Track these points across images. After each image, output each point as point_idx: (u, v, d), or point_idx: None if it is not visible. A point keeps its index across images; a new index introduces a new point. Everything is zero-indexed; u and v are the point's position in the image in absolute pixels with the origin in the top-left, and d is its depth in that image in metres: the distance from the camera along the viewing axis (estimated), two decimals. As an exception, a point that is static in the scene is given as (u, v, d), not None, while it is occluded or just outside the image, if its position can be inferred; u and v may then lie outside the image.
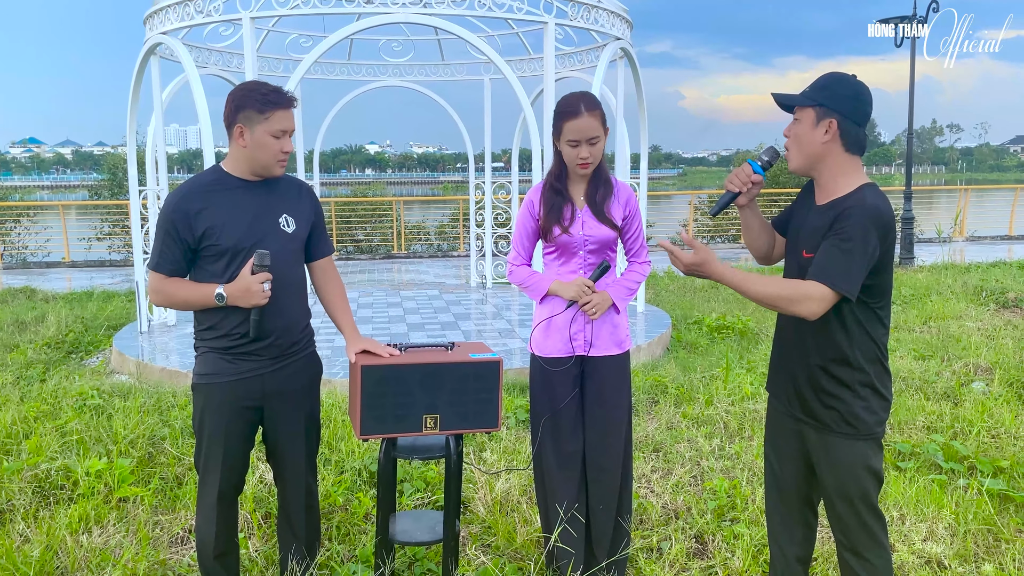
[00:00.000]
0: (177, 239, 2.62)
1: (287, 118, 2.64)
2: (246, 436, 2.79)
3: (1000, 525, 3.61)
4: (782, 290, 2.27)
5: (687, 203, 20.10)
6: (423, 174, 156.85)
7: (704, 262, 2.36)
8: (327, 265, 2.96)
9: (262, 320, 2.66)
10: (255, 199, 2.70)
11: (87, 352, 7.74)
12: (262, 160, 2.65)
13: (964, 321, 8.32)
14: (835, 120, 2.32)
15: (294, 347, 2.80)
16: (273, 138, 2.62)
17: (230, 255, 2.64)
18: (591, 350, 3.04)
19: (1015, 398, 5.54)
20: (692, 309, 9.33)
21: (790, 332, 2.52)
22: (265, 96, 2.61)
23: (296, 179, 2.90)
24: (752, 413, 5.17)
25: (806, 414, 2.50)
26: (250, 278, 2.59)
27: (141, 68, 7.71)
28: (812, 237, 2.39)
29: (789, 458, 2.62)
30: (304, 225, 2.81)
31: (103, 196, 21.15)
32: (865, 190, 2.32)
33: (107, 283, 12.71)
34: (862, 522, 2.47)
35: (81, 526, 3.55)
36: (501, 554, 3.40)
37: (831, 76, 2.38)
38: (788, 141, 2.43)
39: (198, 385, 2.76)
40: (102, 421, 4.78)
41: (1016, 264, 13.04)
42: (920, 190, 23.45)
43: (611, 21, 7.46)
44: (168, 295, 2.68)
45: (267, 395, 2.76)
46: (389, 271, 14.22)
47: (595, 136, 2.92)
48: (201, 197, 2.65)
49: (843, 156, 2.37)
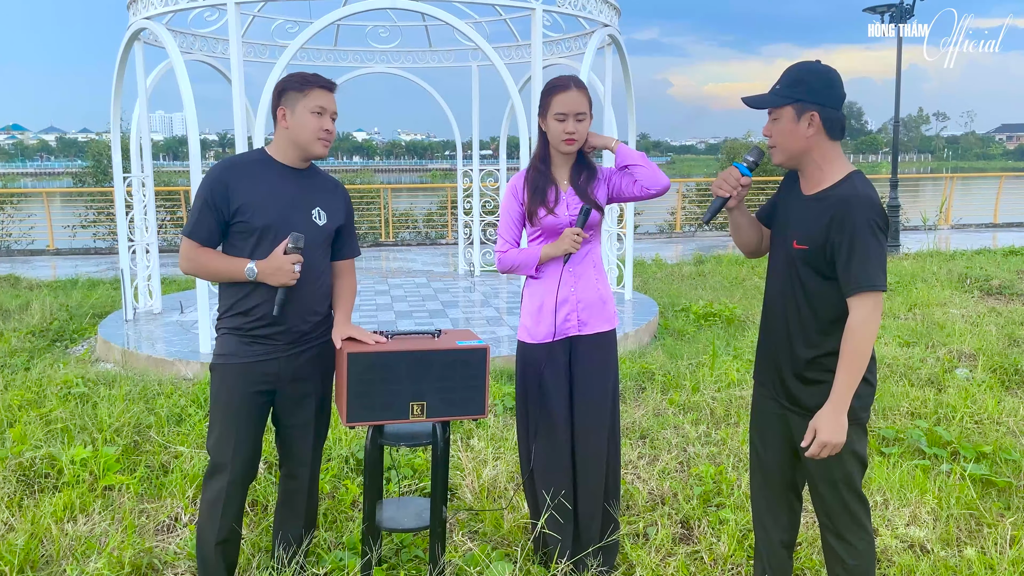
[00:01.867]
0: (214, 208, 2.67)
1: (326, 97, 2.70)
2: (258, 418, 2.81)
3: (982, 509, 3.65)
4: (863, 336, 2.27)
5: (675, 191, 20.11)
6: (411, 161, 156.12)
7: (831, 421, 2.31)
8: (348, 268, 2.98)
9: (287, 301, 2.69)
10: (292, 185, 2.75)
11: (72, 340, 7.69)
12: (304, 138, 2.70)
13: (948, 308, 8.39)
14: (816, 112, 2.33)
15: (309, 335, 2.82)
16: (313, 115, 2.67)
17: (259, 235, 2.68)
18: (584, 328, 3.04)
19: (998, 384, 5.60)
20: (679, 297, 9.36)
21: (777, 321, 2.53)
22: (304, 77, 2.70)
23: (334, 178, 2.95)
24: (738, 400, 5.20)
25: (791, 402, 2.51)
26: (283, 257, 2.63)
27: (125, 54, 7.63)
28: (802, 228, 2.39)
29: (774, 444, 2.64)
30: (335, 221, 2.85)
31: (88, 183, 20.98)
32: (854, 178, 2.34)
33: (92, 271, 12.62)
34: (846, 506, 2.49)
35: (66, 514, 3.53)
36: (488, 540, 3.41)
37: (800, 69, 2.37)
38: (771, 139, 2.42)
39: (215, 365, 2.80)
40: (87, 409, 4.76)
41: (1000, 252, 13.14)
42: (906, 178, 23.58)
43: (599, 8, 7.43)
44: (200, 264, 2.71)
45: (281, 379, 2.78)
46: (377, 259, 14.19)
47: (582, 112, 2.92)
48: (243, 172, 2.70)
49: (827, 144, 2.38)
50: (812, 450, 2.34)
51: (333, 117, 2.74)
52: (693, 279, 10.96)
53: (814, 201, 2.39)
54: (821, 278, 2.36)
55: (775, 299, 2.54)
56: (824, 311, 2.38)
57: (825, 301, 2.37)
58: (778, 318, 2.51)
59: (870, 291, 2.25)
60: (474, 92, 10.79)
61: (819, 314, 2.38)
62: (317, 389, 2.89)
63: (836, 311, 2.36)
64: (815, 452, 2.33)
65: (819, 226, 2.33)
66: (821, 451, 2.33)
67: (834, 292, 2.34)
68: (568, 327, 3.03)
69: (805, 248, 2.36)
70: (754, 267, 11.95)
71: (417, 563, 3.23)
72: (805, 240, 2.37)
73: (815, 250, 2.34)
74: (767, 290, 2.61)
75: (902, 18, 14.12)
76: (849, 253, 2.26)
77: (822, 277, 2.36)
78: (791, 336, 2.46)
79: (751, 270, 11.67)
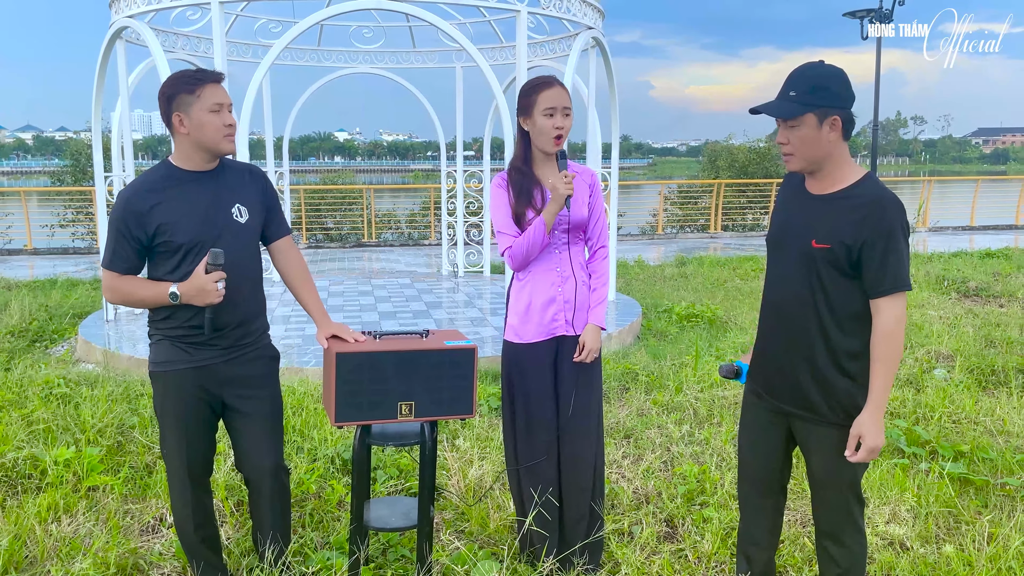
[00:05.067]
0: (129, 237, 2.61)
1: (220, 91, 2.63)
2: (208, 421, 2.80)
3: (960, 507, 3.72)
4: (892, 337, 2.30)
5: (657, 193, 20.22)
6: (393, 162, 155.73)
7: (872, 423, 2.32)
8: (286, 245, 2.94)
9: (216, 318, 2.67)
10: (205, 192, 2.69)
11: (52, 341, 7.62)
12: (207, 139, 2.63)
13: (927, 309, 8.50)
14: (838, 116, 2.32)
15: (249, 337, 2.81)
16: (211, 113, 2.60)
17: (184, 251, 2.64)
18: (571, 328, 3.06)
19: (975, 385, 5.69)
20: (662, 298, 9.42)
21: (792, 324, 2.47)
22: (191, 76, 2.62)
23: (245, 164, 2.89)
24: (721, 400, 5.25)
25: (803, 407, 2.47)
26: (204, 277, 2.58)
27: (107, 52, 7.57)
28: (824, 227, 2.36)
29: (766, 451, 2.64)
30: (257, 212, 2.80)
31: (66, 182, 20.74)
32: (876, 180, 2.37)
33: (71, 271, 12.50)
34: (848, 509, 2.50)
35: (50, 515, 3.51)
36: (474, 540, 3.42)
37: (817, 73, 2.32)
38: (789, 147, 2.37)
39: (155, 373, 2.76)
40: (69, 410, 4.73)
41: (977, 254, 13.33)
42: (885, 181, 23.76)
43: (583, 10, 7.47)
44: (122, 293, 2.67)
45: (225, 383, 2.76)
46: (359, 259, 14.15)
47: (568, 107, 2.94)
48: (151, 194, 2.63)
49: (843, 146, 2.38)
50: (859, 456, 2.33)
51: (230, 109, 2.66)
52: (675, 280, 11.03)
53: (834, 200, 2.37)
54: (842, 276, 2.35)
55: (788, 302, 2.47)
56: (844, 310, 2.37)
57: (845, 300, 2.36)
58: (794, 321, 2.46)
59: (902, 291, 2.29)
60: (458, 93, 10.80)
61: (839, 313, 2.37)
62: (266, 386, 2.86)
63: (854, 309, 2.36)
64: (863, 458, 2.33)
65: (847, 224, 2.31)
66: (868, 456, 2.33)
67: (854, 290, 2.35)
68: (556, 327, 3.05)
69: (827, 247, 2.34)
70: (735, 269, 12.04)
71: (404, 563, 3.24)
72: (827, 239, 2.34)
73: (840, 248, 2.32)
74: (774, 295, 2.55)
75: (882, 22, 14.29)
76: (884, 253, 2.27)
77: (843, 276, 2.35)
78: (811, 338, 2.42)
79: (732, 271, 11.76)
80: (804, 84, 2.31)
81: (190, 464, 2.78)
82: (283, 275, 2.96)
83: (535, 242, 2.93)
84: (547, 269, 3.03)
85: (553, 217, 2.92)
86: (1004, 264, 11.90)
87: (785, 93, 2.34)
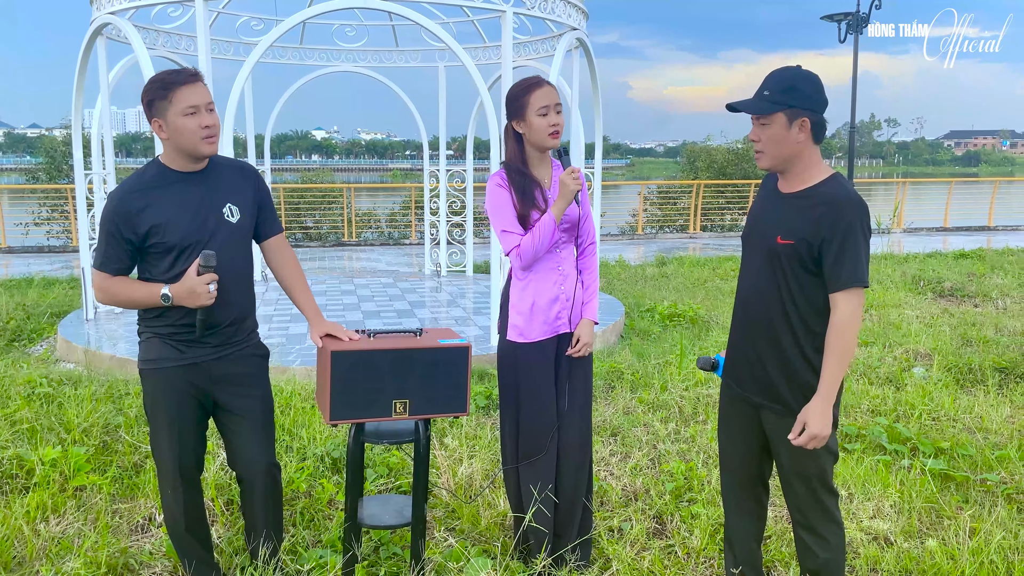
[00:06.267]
0: (121, 239, 2.60)
1: (193, 93, 2.56)
2: (199, 419, 2.80)
3: (942, 503, 3.79)
4: (845, 331, 2.37)
5: (636, 193, 20.32)
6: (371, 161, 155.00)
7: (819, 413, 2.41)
8: (279, 243, 2.93)
9: (208, 319, 2.66)
10: (197, 192, 2.67)
11: (30, 340, 7.53)
12: (186, 143, 2.60)
13: (904, 309, 8.63)
14: (807, 118, 2.41)
15: (239, 335, 2.81)
16: (186, 116, 2.55)
17: (176, 252, 2.63)
18: (572, 325, 3.11)
19: (953, 383, 5.79)
20: (644, 297, 9.48)
21: (758, 317, 2.56)
22: (163, 80, 2.55)
23: (238, 161, 2.87)
24: (705, 397, 5.30)
25: (771, 399, 2.56)
26: (196, 279, 2.58)
27: (87, 49, 7.49)
28: (787, 224, 2.46)
29: (743, 441, 2.71)
30: (249, 211, 2.79)
31: (40, 180, 20.45)
32: (840, 180, 2.45)
33: (47, 269, 12.34)
34: (819, 500, 2.57)
35: (38, 515, 3.48)
36: (466, 537, 3.44)
37: (791, 75, 2.43)
38: (759, 144, 2.47)
39: (145, 371, 2.75)
40: (53, 409, 4.68)
41: (951, 255, 13.54)
42: (859, 182, 24.15)
43: (567, 11, 7.50)
44: (113, 294, 2.66)
45: (215, 380, 2.76)
46: (340, 259, 14.10)
47: (559, 103, 2.97)
48: (143, 195, 2.61)
49: (812, 148, 2.48)
50: (800, 440, 2.42)
51: (209, 109, 2.59)
52: (656, 280, 11.10)
53: (798, 199, 2.48)
54: (806, 272, 2.44)
55: (757, 297, 2.57)
56: (810, 305, 2.45)
57: (810, 295, 2.45)
58: (762, 315, 2.55)
59: (857, 287, 2.36)
60: (441, 92, 10.79)
61: (804, 308, 2.46)
62: (257, 383, 2.86)
63: (819, 304, 2.45)
64: (803, 442, 2.42)
65: (806, 222, 2.41)
66: (809, 443, 2.41)
67: (819, 286, 2.43)
68: (560, 324, 3.08)
69: (791, 243, 2.43)
70: (715, 269, 12.14)
71: (396, 560, 3.25)
72: (791, 235, 2.44)
73: (802, 245, 2.41)
74: (742, 290, 2.66)
75: (859, 26, 14.47)
76: (840, 250, 2.36)
77: (807, 272, 2.44)
78: (778, 332, 2.51)
79: (712, 271, 11.86)
80: (778, 84, 2.43)
81: (181, 462, 2.77)
82: (276, 273, 2.96)
83: (545, 239, 2.95)
84: (549, 268, 3.06)
85: (562, 213, 2.95)
86: (978, 264, 12.11)
87: (760, 92, 2.45)
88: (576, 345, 3.08)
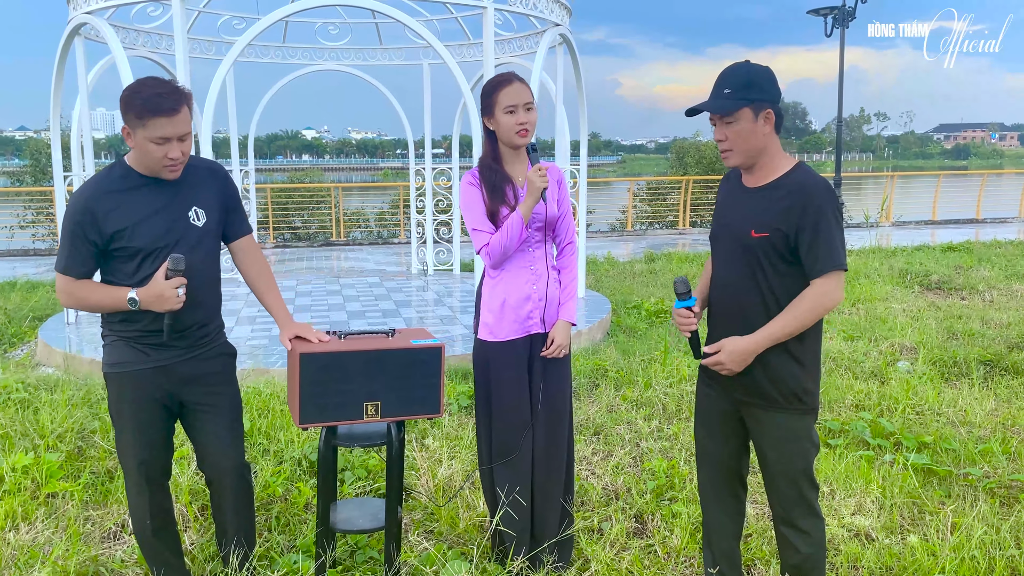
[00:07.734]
0: (85, 241, 2.55)
1: (168, 124, 2.47)
2: (165, 422, 2.75)
3: (924, 498, 3.77)
4: (813, 305, 2.39)
5: (626, 190, 20.30)
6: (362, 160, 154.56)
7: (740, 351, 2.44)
8: (247, 244, 2.88)
9: (175, 323, 2.62)
10: (162, 196, 2.62)
11: (11, 344, 7.45)
12: (148, 164, 2.56)
13: (890, 303, 8.62)
14: (771, 109, 2.42)
15: (207, 336, 2.77)
16: (155, 144, 2.49)
17: (142, 256, 2.59)
18: (546, 326, 3.06)
19: (938, 376, 5.78)
20: (631, 294, 9.45)
21: (734, 311, 2.54)
22: (144, 102, 2.45)
23: (206, 162, 2.80)
24: (689, 395, 5.27)
25: (753, 395, 2.53)
26: (163, 284, 2.53)
27: (65, 49, 7.41)
28: (760, 216, 2.45)
29: (722, 438, 2.69)
30: (216, 214, 2.74)
31: (25, 182, 20.32)
32: (805, 168, 2.47)
33: (31, 273, 12.23)
34: (801, 494, 2.55)
35: (8, 523, 3.42)
36: (444, 539, 3.40)
37: (745, 70, 2.44)
38: (727, 142, 2.46)
39: (110, 375, 2.70)
40: (28, 415, 4.62)
41: (939, 248, 13.56)
42: (849, 176, 24.17)
43: (550, 7, 7.46)
44: (78, 298, 2.61)
45: (183, 381, 2.72)
46: (328, 259, 14.03)
47: (529, 101, 2.93)
48: (108, 198, 2.56)
49: (775, 139, 2.49)
50: (707, 360, 2.50)
51: (181, 139, 2.52)
52: (644, 276, 11.07)
53: (767, 191, 2.47)
54: (783, 263, 2.43)
55: (734, 294, 2.54)
56: (788, 296, 2.44)
57: (789, 286, 2.44)
58: (741, 310, 2.52)
59: (835, 270, 2.37)
60: (425, 90, 10.73)
61: (783, 299, 2.44)
62: (224, 384, 2.81)
63: (798, 294, 2.43)
64: (709, 362, 2.49)
65: (778, 212, 2.41)
66: (713, 365, 2.48)
67: (797, 276, 2.42)
68: (531, 324, 3.04)
69: (766, 235, 2.42)
70: (703, 264, 12.11)
71: (372, 564, 3.21)
72: (764, 228, 2.43)
73: (776, 236, 2.41)
74: (720, 288, 2.62)
75: (844, 21, 14.48)
76: (814, 236, 2.36)
77: (784, 262, 2.43)
78: (758, 326, 2.46)
79: (701, 267, 11.84)
80: (737, 81, 2.43)
81: (148, 467, 2.73)
82: (244, 275, 2.91)
83: (513, 237, 2.91)
84: (521, 267, 3.02)
85: (530, 211, 2.91)
86: (965, 257, 12.12)
87: (719, 92, 2.45)
88: (550, 347, 3.04)
